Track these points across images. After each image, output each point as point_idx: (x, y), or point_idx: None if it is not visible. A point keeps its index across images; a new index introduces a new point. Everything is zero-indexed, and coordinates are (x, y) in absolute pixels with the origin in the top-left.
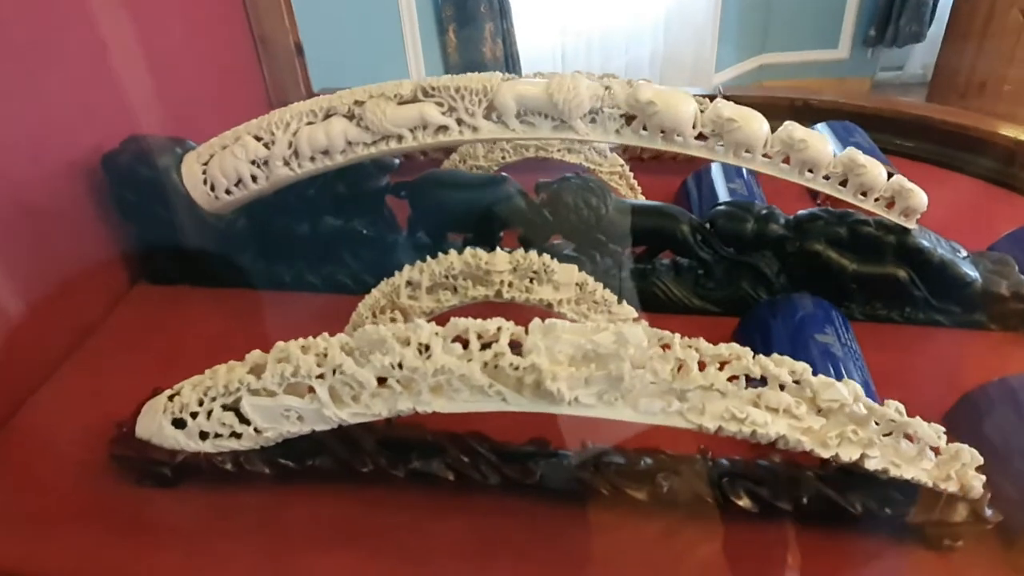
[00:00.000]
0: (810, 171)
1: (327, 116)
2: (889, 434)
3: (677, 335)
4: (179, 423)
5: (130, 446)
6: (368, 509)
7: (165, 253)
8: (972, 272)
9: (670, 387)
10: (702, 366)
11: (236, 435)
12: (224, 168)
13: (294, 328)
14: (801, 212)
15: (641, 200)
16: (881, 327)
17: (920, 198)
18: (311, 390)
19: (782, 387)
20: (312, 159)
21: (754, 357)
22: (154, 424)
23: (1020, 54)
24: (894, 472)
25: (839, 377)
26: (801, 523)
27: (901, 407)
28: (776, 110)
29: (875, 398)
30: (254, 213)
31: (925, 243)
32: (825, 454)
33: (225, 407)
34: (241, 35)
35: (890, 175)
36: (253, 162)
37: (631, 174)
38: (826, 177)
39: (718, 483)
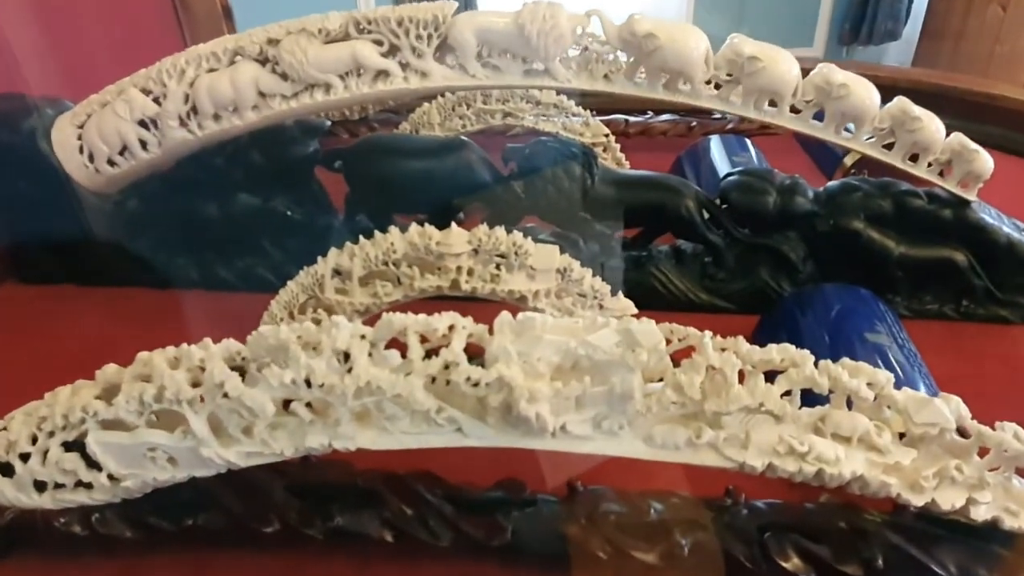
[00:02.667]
0: (848, 129)
1: (233, 60)
2: (995, 468)
3: (707, 333)
4: (6, 468)
5: None
6: None
7: (38, 244)
8: None
9: (700, 408)
10: (741, 377)
11: (84, 485)
12: (104, 131)
13: (200, 337)
14: (833, 183)
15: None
16: (933, 324)
17: (985, 161)
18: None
19: (849, 404)
20: (215, 117)
21: (817, 364)
22: None
23: (1000, 50)
24: (1009, 523)
25: (899, 388)
26: None
27: (1020, 431)
28: None
29: None
30: (148, 191)
31: (988, 219)
32: (918, 501)
33: (67, 445)
34: None
35: None
36: (141, 122)
37: (617, 145)
38: (868, 137)
39: (758, 539)
